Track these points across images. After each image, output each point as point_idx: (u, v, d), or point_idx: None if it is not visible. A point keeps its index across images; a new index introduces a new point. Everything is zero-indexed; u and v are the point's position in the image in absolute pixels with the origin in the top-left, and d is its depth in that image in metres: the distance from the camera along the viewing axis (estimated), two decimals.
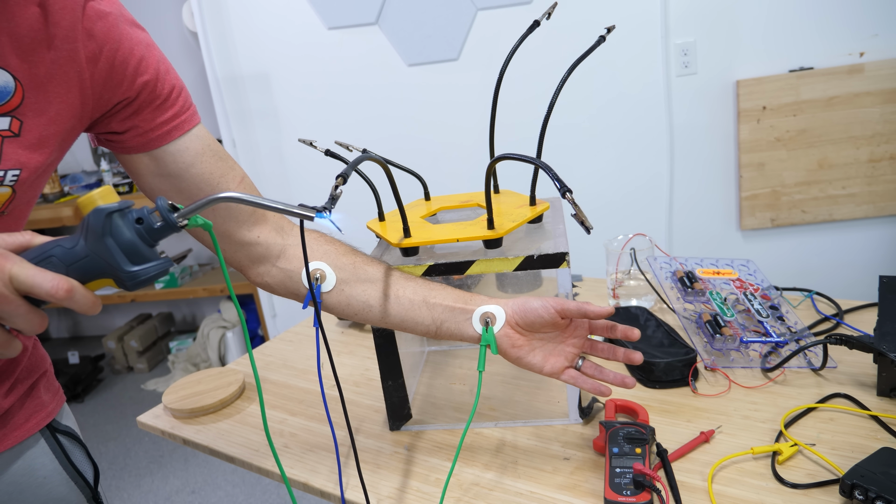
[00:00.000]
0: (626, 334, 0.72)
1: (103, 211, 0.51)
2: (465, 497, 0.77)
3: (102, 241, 0.51)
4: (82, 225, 0.52)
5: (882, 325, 0.90)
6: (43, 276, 0.48)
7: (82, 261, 0.51)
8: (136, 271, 0.52)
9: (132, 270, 0.52)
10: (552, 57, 1.88)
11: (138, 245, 0.52)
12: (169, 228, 0.52)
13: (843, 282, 2.28)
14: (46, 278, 0.48)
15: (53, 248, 0.52)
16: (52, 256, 0.51)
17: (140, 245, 0.52)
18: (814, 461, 0.74)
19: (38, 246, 0.52)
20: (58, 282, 0.48)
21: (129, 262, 0.51)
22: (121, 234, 0.51)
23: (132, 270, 0.52)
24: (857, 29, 2.10)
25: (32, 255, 0.51)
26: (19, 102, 0.58)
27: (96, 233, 0.51)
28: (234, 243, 0.76)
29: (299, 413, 1.01)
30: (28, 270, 0.48)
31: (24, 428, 0.72)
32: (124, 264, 0.51)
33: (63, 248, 0.52)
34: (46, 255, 0.51)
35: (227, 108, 2.47)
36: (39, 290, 0.48)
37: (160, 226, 0.52)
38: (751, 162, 2.24)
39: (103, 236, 0.51)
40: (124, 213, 0.52)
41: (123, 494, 2.32)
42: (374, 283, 0.75)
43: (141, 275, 0.52)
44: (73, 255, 0.51)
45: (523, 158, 0.70)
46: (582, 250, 1.34)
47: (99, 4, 0.62)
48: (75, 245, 0.52)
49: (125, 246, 0.51)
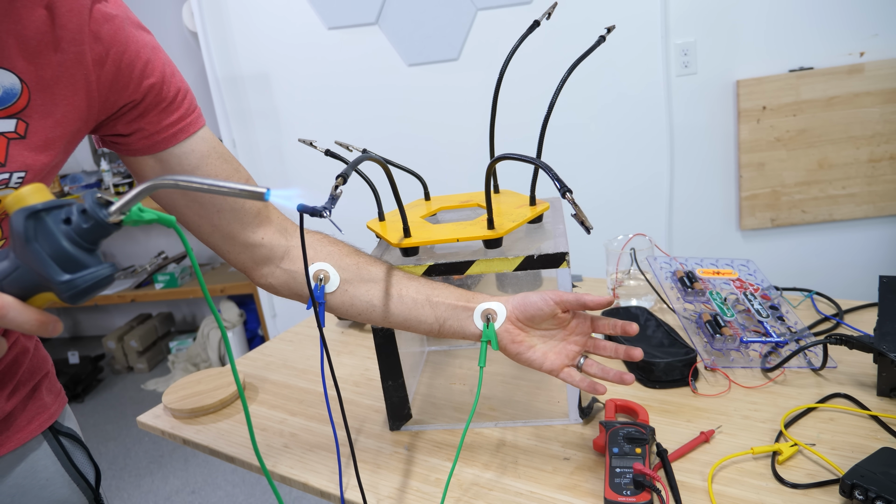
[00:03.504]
0: (625, 329, 0.72)
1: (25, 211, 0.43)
2: (465, 497, 0.77)
3: (28, 248, 0.43)
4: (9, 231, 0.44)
5: (882, 325, 0.90)
6: None
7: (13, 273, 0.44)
8: (70, 280, 0.43)
9: (65, 280, 0.43)
10: (552, 57, 1.88)
11: (68, 250, 0.43)
12: (101, 227, 0.44)
13: (843, 282, 2.28)
14: None
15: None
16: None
17: (72, 250, 0.43)
18: (814, 461, 0.74)
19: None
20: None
21: (62, 271, 0.43)
22: (48, 237, 0.43)
23: (65, 280, 0.43)
24: (857, 29, 2.10)
25: None
26: (25, 104, 0.58)
27: (20, 238, 0.43)
28: (238, 245, 0.76)
29: (299, 413, 1.01)
30: None
31: (26, 430, 0.72)
32: (55, 273, 0.43)
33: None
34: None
35: (227, 108, 2.47)
36: None
37: (90, 225, 0.44)
38: (751, 162, 2.24)
39: (28, 242, 0.43)
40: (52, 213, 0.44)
41: (123, 494, 2.32)
42: (378, 282, 0.76)
43: (78, 284, 0.44)
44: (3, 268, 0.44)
45: (523, 158, 0.70)
46: (582, 250, 1.34)
47: (105, 7, 0.62)
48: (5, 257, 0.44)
49: (54, 252, 0.43)
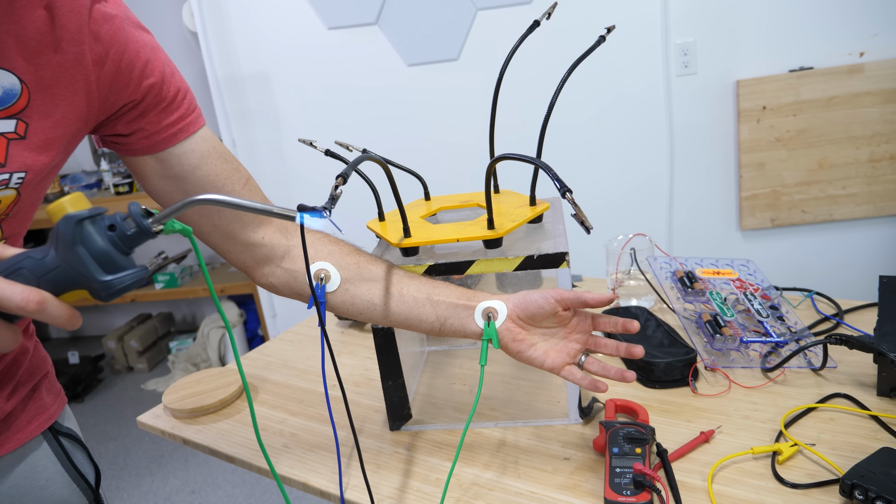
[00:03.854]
0: (626, 327, 0.72)
1: (73, 218, 0.48)
2: (465, 497, 0.77)
3: (73, 250, 0.48)
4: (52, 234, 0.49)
5: (882, 325, 0.90)
6: (12, 288, 0.46)
7: (53, 272, 0.49)
8: (111, 281, 0.49)
9: (106, 280, 0.49)
10: (552, 57, 1.88)
11: (111, 253, 0.49)
12: (143, 234, 0.50)
13: (843, 282, 2.28)
14: (16, 291, 0.46)
15: (23, 259, 0.49)
16: (21, 268, 0.49)
17: (113, 253, 0.49)
18: (814, 461, 0.74)
19: (7, 258, 0.49)
20: (28, 294, 0.46)
21: (103, 272, 0.49)
22: (92, 242, 0.48)
23: (106, 280, 0.49)
24: (857, 29, 2.10)
25: (1, 269, 0.49)
26: (25, 105, 0.58)
27: (66, 241, 0.48)
28: (238, 244, 0.76)
29: (299, 413, 1.01)
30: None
31: (26, 430, 0.72)
32: (97, 274, 0.48)
33: (33, 260, 0.49)
34: (16, 268, 0.49)
35: (227, 108, 2.47)
36: (8, 303, 0.46)
37: (134, 232, 0.50)
38: (751, 162, 2.24)
39: (74, 245, 0.48)
40: (96, 220, 0.49)
41: (123, 494, 2.32)
42: (378, 281, 0.76)
43: (116, 284, 0.49)
44: (43, 266, 0.49)
45: (523, 158, 0.70)
46: (582, 250, 1.34)
47: (105, 7, 0.62)
48: (45, 255, 0.49)
49: (98, 254, 0.49)
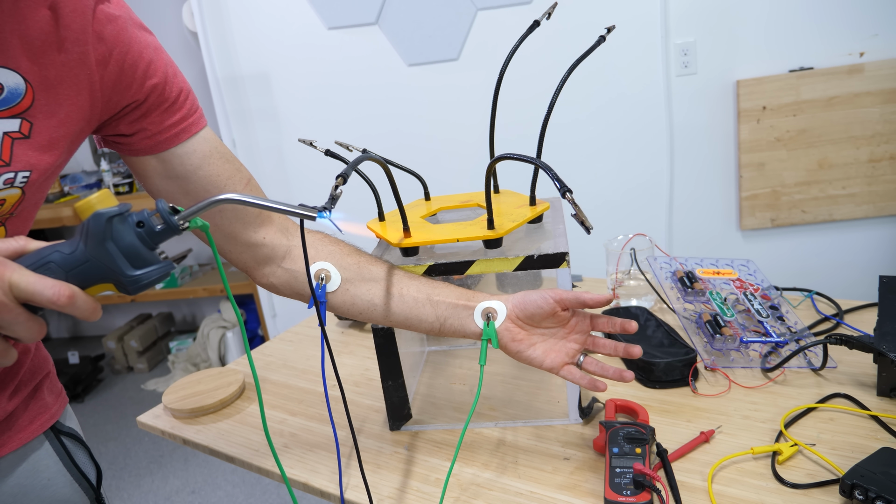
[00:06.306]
0: (624, 327, 0.73)
1: (104, 215, 0.50)
2: (464, 496, 0.77)
3: (103, 246, 0.50)
4: (81, 229, 0.51)
5: (882, 325, 0.90)
6: (44, 282, 0.47)
7: (82, 266, 0.51)
8: (139, 275, 0.51)
9: (135, 275, 0.51)
10: (552, 57, 1.88)
11: (140, 249, 0.51)
12: (170, 231, 0.52)
13: (843, 282, 2.28)
14: (47, 285, 0.47)
15: (51, 253, 0.51)
16: (50, 262, 0.50)
17: (141, 248, 0.51)
18: (814, 461, 0.74)
19: (34, 252, 0.51)
20: (59, 288, 0.48)
21: (131, 267, 0.51)
22: (122, 238, 0.51)
23: (135, 275, 0.51)
24: (857, 29, 2.10)
25: (30, 262, 0.50)
26: (30, 104, 0.58)
27: (97, 237, 0.50)
28: (239, 244, 0.76)
29: (299, 413, 1.01)
30: (28, 277, 0.47)
31: (28, 430, 0.72)
32: (126, 269, 0.51)
33: (61, 254, 0.51)
34: (45, 262, 0.50)
35: (227, 108, 2.47)
36: (40, 297, 0.47)
37: (161, 228, 0.52)
38: (751, 162, 2.24)
39: (104, 241, 0.50)
40: (124, 217, 0.51)
41: (123, 494, 2.32)
42: (379, 281, 0.76)
43: (143, 279, 0.52)
44: (72, 260, 0.51)
45: (523, 158, 0.70)
46: (582, 250, 1.34)
47: (108, 8, 0.62)
48: (74, 250, 0.51)
49: (127, 250, 0.51)
